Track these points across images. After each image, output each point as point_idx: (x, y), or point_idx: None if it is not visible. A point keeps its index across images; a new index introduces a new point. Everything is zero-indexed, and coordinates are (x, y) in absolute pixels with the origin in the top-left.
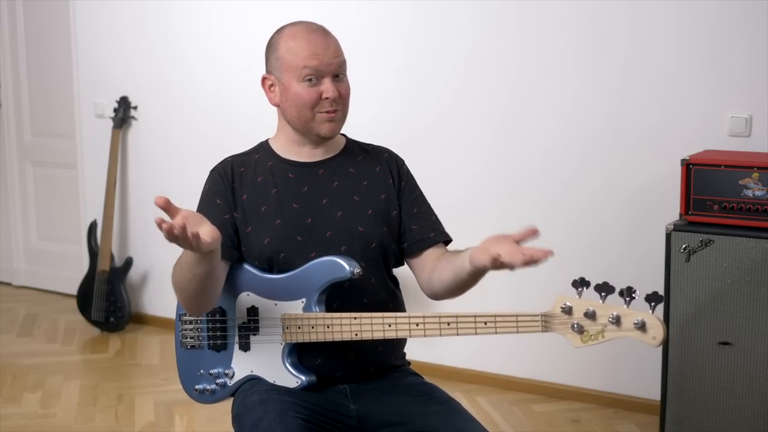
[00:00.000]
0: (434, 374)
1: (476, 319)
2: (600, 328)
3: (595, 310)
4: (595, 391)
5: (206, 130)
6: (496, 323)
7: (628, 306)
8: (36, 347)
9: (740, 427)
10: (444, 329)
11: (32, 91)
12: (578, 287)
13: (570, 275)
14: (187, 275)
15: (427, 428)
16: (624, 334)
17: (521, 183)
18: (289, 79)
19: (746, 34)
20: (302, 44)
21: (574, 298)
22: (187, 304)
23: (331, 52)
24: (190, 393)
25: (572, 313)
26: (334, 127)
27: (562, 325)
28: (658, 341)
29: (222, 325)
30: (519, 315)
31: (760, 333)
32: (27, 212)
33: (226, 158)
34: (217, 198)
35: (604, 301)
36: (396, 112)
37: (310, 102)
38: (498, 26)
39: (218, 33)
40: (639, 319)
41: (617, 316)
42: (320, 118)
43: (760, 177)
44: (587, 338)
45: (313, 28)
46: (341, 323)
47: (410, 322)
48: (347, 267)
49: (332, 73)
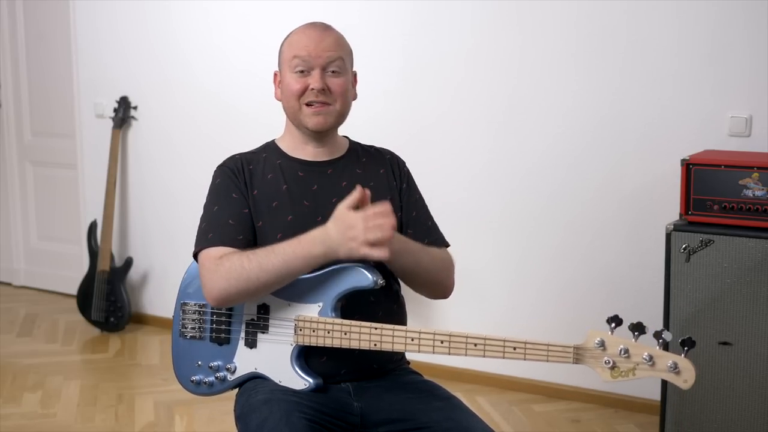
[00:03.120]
0: (434, 374)
1: (505, 343)
2: (632, 366)
3: (629, 348)
4: (595, 391)
5: (206, 130)
6: (526, 350)
7: (660, 347)
8: (36, 347)
9: (740, 427)
10: (470, 350)
11: (32, 91)
12: (611, 324)
13: (570, 275)
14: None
15: (429, 424)
16: (657, 374)
17: (521, 183)
18: (284, 71)
19: (746, 34)
20: (299, 37)
21: (606, 334)
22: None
23: (324, 45)
24: (185, 383)
25: (606, 349)
26: (320, 120)
27: (594, 359)
28: (689, 384)
29: (227, 319)
30: (551, 344)
31: (760, 333)
32: (27, 212)
33: (233, 155)
34: (233, 192)
35: (636, 341)
36: (396, 112)
37: (297, 91)
38: (498, 26)
39: (218, 33)
40: (672, 362)
41: (651, 357)
42: (306, 110)
43: (760, 177)
44: (618, 374)
45: (315, 24)
46: (360, 332)
47: (435, 338)
48: (371, 277)
49: (321, 66)
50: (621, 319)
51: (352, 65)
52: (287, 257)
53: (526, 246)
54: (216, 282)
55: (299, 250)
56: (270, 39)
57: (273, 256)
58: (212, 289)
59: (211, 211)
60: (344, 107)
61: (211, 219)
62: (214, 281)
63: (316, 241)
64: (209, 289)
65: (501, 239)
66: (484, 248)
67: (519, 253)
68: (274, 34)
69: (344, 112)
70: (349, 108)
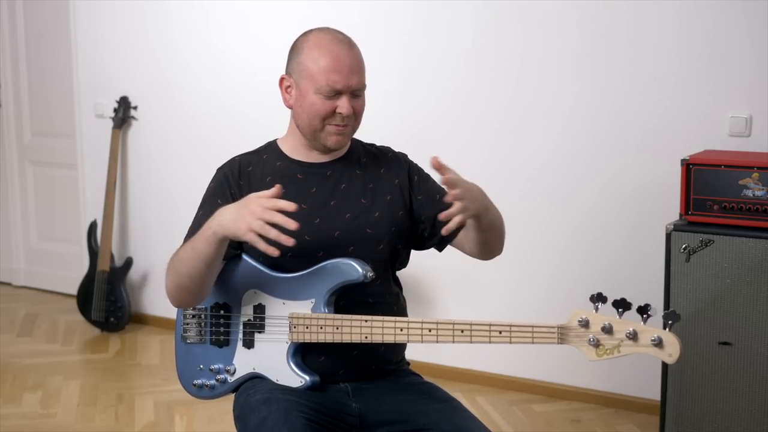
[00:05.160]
0: (434, 374)
1: (491, 327)
2: (616, 343)
3: (612, 324)
4: (595, 391)
5: (206, 130)
6: (511, 333)
7: (645, 323)
8: (36, 347)
9: (740, 427)
10: (458, 336)
11: (32, 91)
12: (595, 302)
13: (570, 275)
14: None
15: (428, 426)
16: (640, 349)
17: (521, 183)
18: (307, 87)
19: (746, 34)
20: (326, 57)
21: (590, 312)
22: (183, 294)
23: (353, 69)
24: (188, 388)
25: (589, 327)
26: (341, 140)
27: (578, 338)
28: (674, 358)
29: (226, 321)
30: (535, 326)
31: (760, 333)
32: (27, 212)
33: (234, 157)
34: (218, 198)
35: (621, 317)
36: (396, 112)
37: (324, 114)
38: (498, 26)
39: (218, 33)
40: (656, 335)
41: (634, 332)
42: (329, 130)
43: (760, 177)
44: (603, 352)
45: (339, 39)
46: (351, 325)
47: (423, 327)
48: (360, 270)
49: (352, 91)
50: (605, 296)
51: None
52: (193, 240)
53: (527, 246)
54: (165, 278)
55: (200, 232)
56: (270, 39)
57: (187, 244)
58: (166, 288)
59: (197, 214)
60: (359, 124)
61: (194, 222)
62: (165, 278)
63: (213, 217)
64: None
65: None
66: None
67: (519, 253)
68: (274, 34)
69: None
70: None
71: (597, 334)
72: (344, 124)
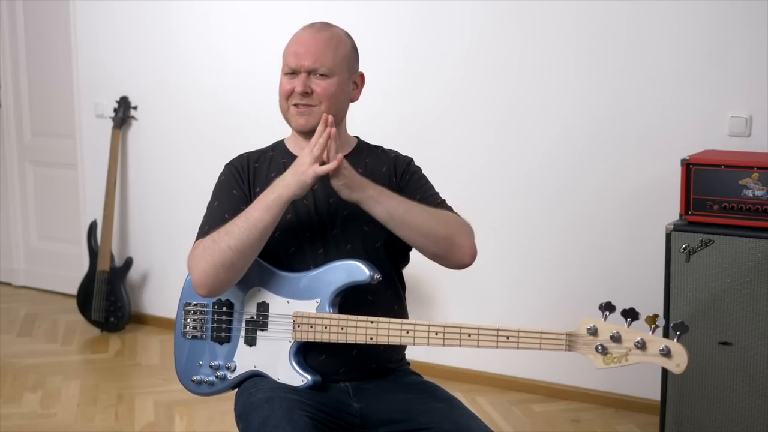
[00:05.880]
0: (434, 374)
1: (498, 333)
2: (624, 352)
3: (620, 333)
4: (595, 391)
5: (206, 130)
6: (519, 339)
7: (653, 333)
8: (36, 347)
9: (740, 427)
10: (464, 340)
11: (32, 91)
12: (603, 311)
13: (570, 275)
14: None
15: (429, 425)
16: (648, 359)
17: (521, 183)
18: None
19: (746, 34)
20: (293, 39)
21: (599, 321)
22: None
23: (313, 48)
24: (187, 384)
25: (597, 335)
26: (303, 121)
27: (586, 345)
28: (682, 369)
29: (228, 318)
30: (543, 332)
31: (760, 333)
32: (27, 212)
33: (242, 154)
34: (233, 189)
35: (629, 326)
36: (396, 112)
37: (285, 93)
38: (498, 26)
39: (218, 33)
40: (664, 345)
41: (643, 341)
42: (293, 111)
43: (760, 177)
44: (610, 360)
45: (312, 25)
46: (356, 326)
47: (429, 330)
48: (367, 272)
49: (306, 69)
50: (614, 305)
51: (350, 67)
52: (248, 213)
53: (527, 246)
54: (196, 265)
55: (257, 203)
56: (270, 39)
57: (237, 219)
58: (194, 274)
59: (211, 206)
60: (332, 109)
61: (210, 214)
62: (195, 265)
63: (272, 187)
64: (193, 277)
65: (501, 239)
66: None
67: (519, 253)
68: (274, 34)
69: (335, 113)
70: (344, 109)
71: (605, 343)
72: (305, 104)
